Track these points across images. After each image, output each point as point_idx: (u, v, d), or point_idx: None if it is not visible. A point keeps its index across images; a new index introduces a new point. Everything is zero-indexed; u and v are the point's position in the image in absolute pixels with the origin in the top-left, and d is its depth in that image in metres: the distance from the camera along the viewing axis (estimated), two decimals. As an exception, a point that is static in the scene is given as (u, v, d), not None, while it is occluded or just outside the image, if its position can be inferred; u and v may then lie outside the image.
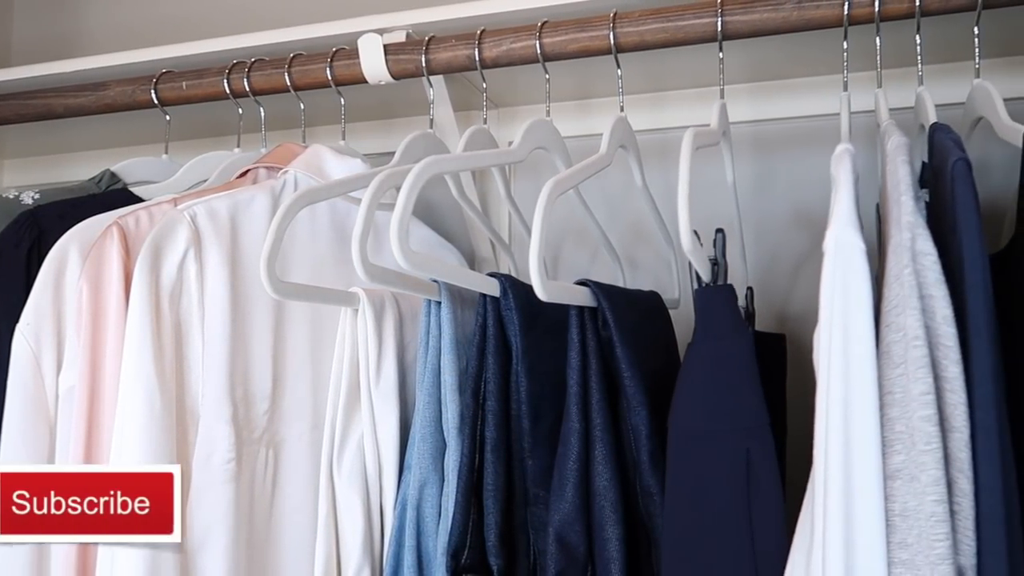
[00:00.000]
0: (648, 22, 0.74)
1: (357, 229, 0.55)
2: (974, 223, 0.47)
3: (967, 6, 0.67)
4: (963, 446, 0.45)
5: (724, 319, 0.56)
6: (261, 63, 0.86)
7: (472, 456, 0.63)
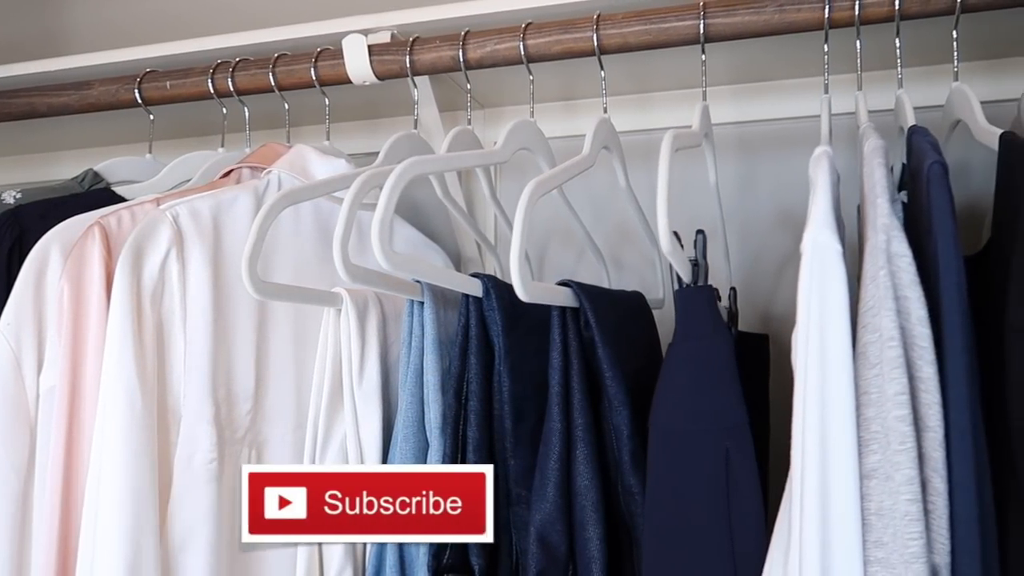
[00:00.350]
0: (631, 24, 0.74)
1: (338, 229, 0.55)
2: (949, 225, 0.48)
3: (946, 10, 0.67)
4: (937, 446, 0.45)
5: (704, 319, 0.57)
6: (245, 63, 0.86)
7: (454, 456, 0.63)
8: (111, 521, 0.60)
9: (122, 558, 0.59)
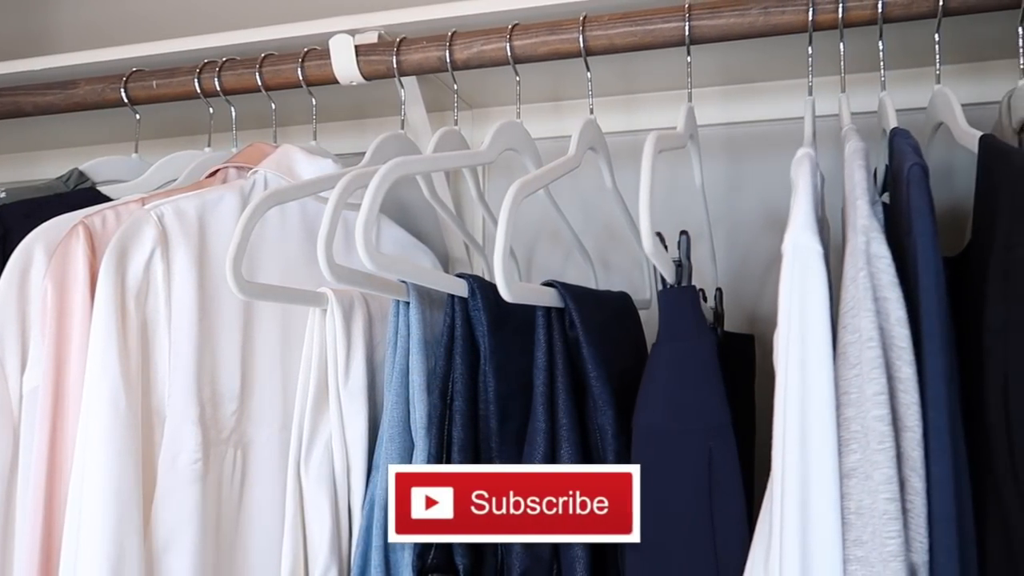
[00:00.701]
0: (617, 26, 0.74)
1: (323, 229, 0.55)
2: (927, 227, 0.48)
3: (928, 13, 0.68)
4: (915, 445, 0.46)
5: (687, 320, 0.57)
6: (232, 63, 0.86)
7: (439, 456, 0.63)
8: (94, 521, 0.60)
9: (105, 558, 0.59)
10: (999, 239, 0.49)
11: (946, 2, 0.67)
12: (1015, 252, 0.47)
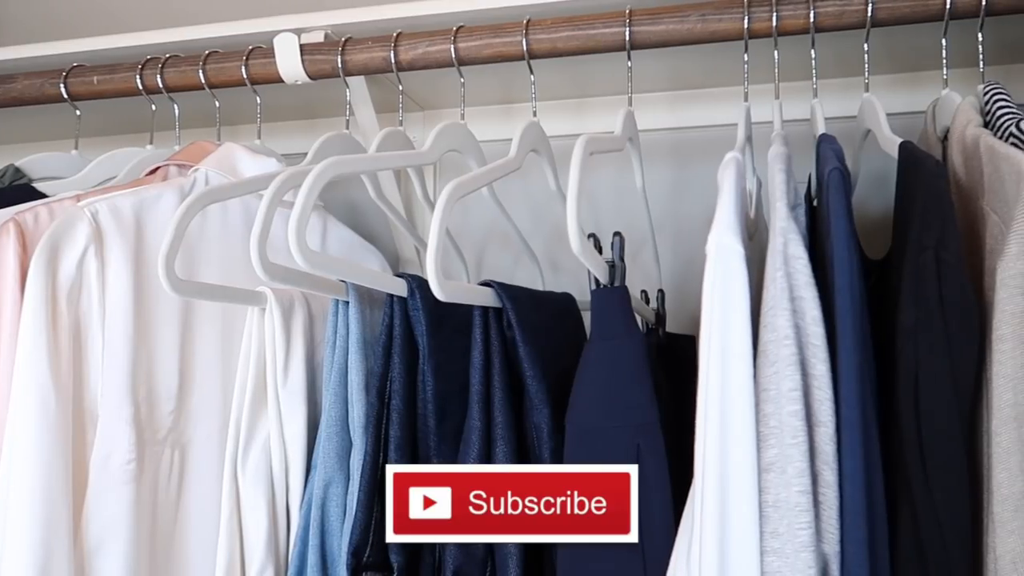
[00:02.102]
0: (560, 30, 0.75)
1: (256, 228, 0.55)
2: (843, 229, 0.50)
3: (858, 23, 0.70)
4: (828, 440, 0.47)
5: (617, 320, 0.58)
6: (175, 59, 0.85)
7: (376, 455, 0.63)
8: (21, 523, 0.59)
9: (32, 560, 0.58)
10: (912, 241, 0.51)
11: (874, 13, 0.69)
12: (925, 254, 0.49)
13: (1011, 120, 0.59)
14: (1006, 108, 0.61)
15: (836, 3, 0.70)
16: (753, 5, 0.71)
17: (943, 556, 0.49)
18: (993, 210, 0.54)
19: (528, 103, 1.06)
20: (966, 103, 0.64)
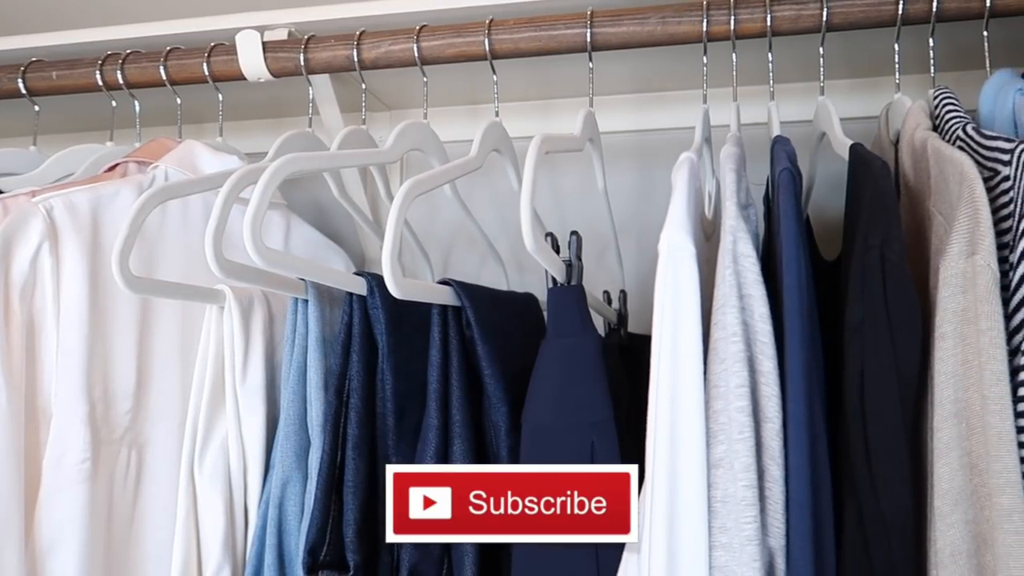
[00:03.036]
0: (522, 30, 0.76)
1: (211, 225, 0.55)
2: (792, 228, 0.51)
3: (814, 28, 0.71)
4: (775, 435, 0.48)
5: (573, 318, 0.58)
6: (136, 55, 0.84)
7: (334, 453, 0.63)
8: (-31, 522, 0.58)
9: None
10: (859, 241, 0.52)
11: (829, 18, 0.70)
12: (871, 253, 0.50)
13: (958, 124, 0.60)
14: (954, 112, 0.63)
15: (792, 7, 0.71)
16: (711, 8, 0.72)
17: (886, 549, 0.50)
18: (939, 211, 0.55)
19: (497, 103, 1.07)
20: (916, 107, 0.65)
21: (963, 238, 0.49)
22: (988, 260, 0.47)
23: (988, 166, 0.55)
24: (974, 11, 0.68)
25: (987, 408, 0.47)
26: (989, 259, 0.47)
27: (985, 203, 0.49)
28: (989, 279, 0.47)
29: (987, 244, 0.48)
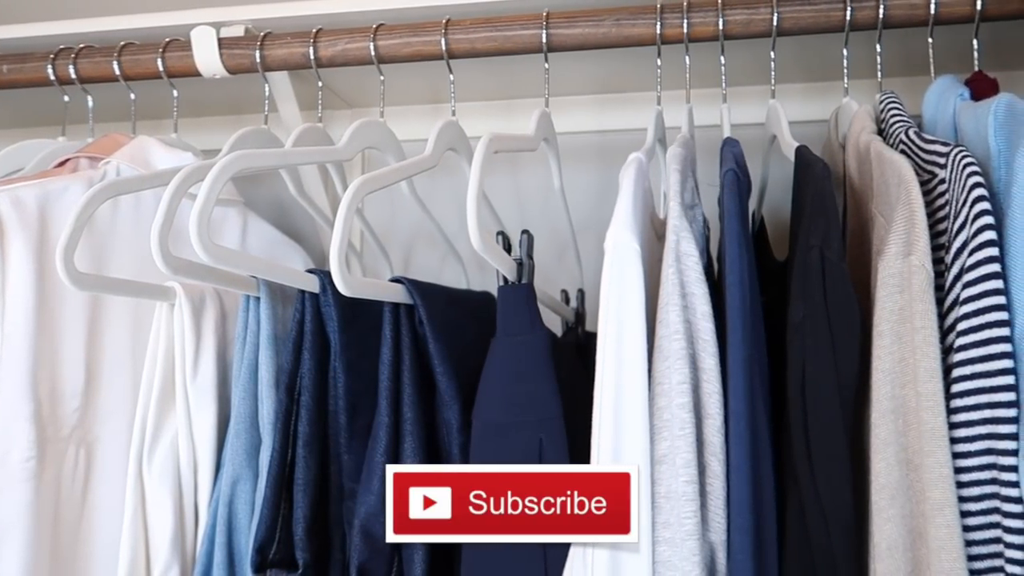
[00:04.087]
0: (479, 30, 0.76)
1: (157, 220, 0.54)
2: (735, 228, 0.51)
3: (764, 32, 0.72)
4: (716, 431, 0.49)
5: (522, 316, 0.59)
6: (89, 50, 0.83)
7: (284, 451, 0.63)
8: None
9: None
10: (801, 240, 0.53)
11: (779, 22, 0.71)
12: (811, 253, 0.51)
13: (902, 128, 0.62)
14: (898, 116, 0.64)
15: (744, 12, 0.72)
16: (665, 12, 0.73)
17: (827, 544, 0.51)
18: (880, 212, 0.56)
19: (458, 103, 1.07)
20: (862, 111, 0.67)
21: (900, 239, 0.50)
22: (923, 261, 0.49)
23: (927, 169, 0.56)
24: (919, 18, 0.70)
25: (921, 405, 0.48)
26: (924, 260, 0.49)
27: (921, 205, 0.50)
28: (923, 279, 0.48)
29: (922, 245, 0.49)
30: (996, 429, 0.47)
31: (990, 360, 0.47)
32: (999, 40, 0.78)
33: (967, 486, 0.47)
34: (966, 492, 0.47)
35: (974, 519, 0.47)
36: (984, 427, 0.47)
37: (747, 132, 0.83)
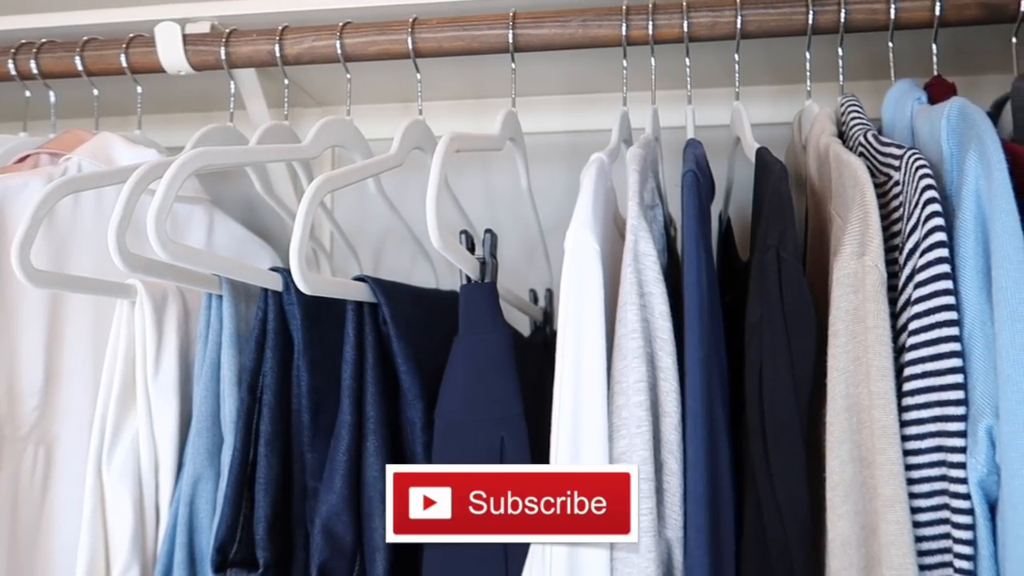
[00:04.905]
0: (445, 30, 0.76)
1: (114, 217, 0.54)
2: (693, 228, 0.52)
3: (729, 35, 0.73)
4: (673, 429, 0.49)
5: (484, 315, 0.59)
6: (52, 45, 0.82)
7: (246, 450, 0.62)
8: None
9: None
10: (759, 241, 0.54)
11: (743, 25, 0.72)
12: (768, 253, 0.52)
13: (861, 130, 0.63)
14: (858, 119, 0.65)
15: (709, 14, 0.73)
16: (631, 13, 0.73)
17: (783, 540, 0.51)
18: (838, 214, 0.57)
19: (428, 102, 1.07)
20: (823, 114, 0.67)
21: (854, 240, 0.51)
22: (876, 261, 0.49)
23: (883, 171, 0.57)
24: (880, 23, 0.71)
25: (874, 403, 0.49)
26: (877, 260, 0.49)
27: (875, 206, 0.51)
28: (876, 279, 0.49)
29: (875, 246, 0.50)
30: (945, 427, 0.47)
31: (939, 359, 0.47)
32: (960, 45, 0.79)
33: (918, 483, 0.48)
34: (917, 489, 0.48)
35: (924, 515, 0.48)
36: (934, 425, 0.48)
37: (716, 134, 0.84)
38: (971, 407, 0.47)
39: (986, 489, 0.46)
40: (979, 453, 0.45)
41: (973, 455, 0.46)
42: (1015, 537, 0.44)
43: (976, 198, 0.49)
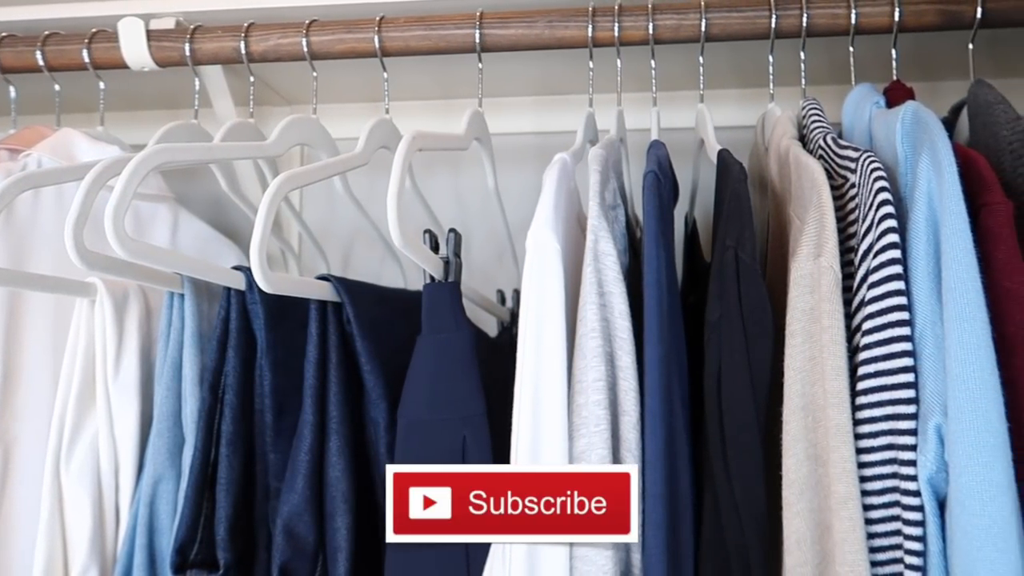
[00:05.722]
0: (413, 29, 0.76)
1: (71, 215, 0.53)
2: (653, 228, 0.52)
3: (694, 38, 0.74)
4: (631, 428, 0.50)
5: (447, 314, 0.59)
6: (12, 39, 0.81)
7: (207, 450, 0.62)
8: None
9: None
10: (718, 242, 0.54)
11: (707, 28, 0.73)
12: (727, 254, 0.52)
13: (821, 134, 0.64)
14: (818, 123, 0.66)
15: (674, 17, 0.73)
16: (597, 15, 0.74)
17: (740, 539, 0.52)
18: (797, 215, 0.58)
19: (398, 101, 1.07)
20: (784, 117, 0.68)
21: (811, 241, 0.52)
22: (831, 262, 0.50)
23: (840, 174, 0.58)
24: (841, 28, 0.72)
25: (828, 402, 0.49)
26: (832, 261, 0.50)
27: (831, 208, 0.52)
28: (831, 280, 0.50)
29: (830, 247, 0.50)
30: (897, 425, 0.48)
31: (891, 359, 0.48)
32: (921, 51, 0.81)
33: (870, 480, 0.49)
34: (869, 486, 0.49)
35: (876, 512, 0.49)
36: (886, 423, 0.49)
37: (682, 136, 0.85)
38: (921, 405, 0.48)
39: (935, 486, 0.46)
40: (928, 451, 0.46)
41: (923, 453, 0.47)
42: (963, 533, 0.45)
43: (928, 200, 0.50)
